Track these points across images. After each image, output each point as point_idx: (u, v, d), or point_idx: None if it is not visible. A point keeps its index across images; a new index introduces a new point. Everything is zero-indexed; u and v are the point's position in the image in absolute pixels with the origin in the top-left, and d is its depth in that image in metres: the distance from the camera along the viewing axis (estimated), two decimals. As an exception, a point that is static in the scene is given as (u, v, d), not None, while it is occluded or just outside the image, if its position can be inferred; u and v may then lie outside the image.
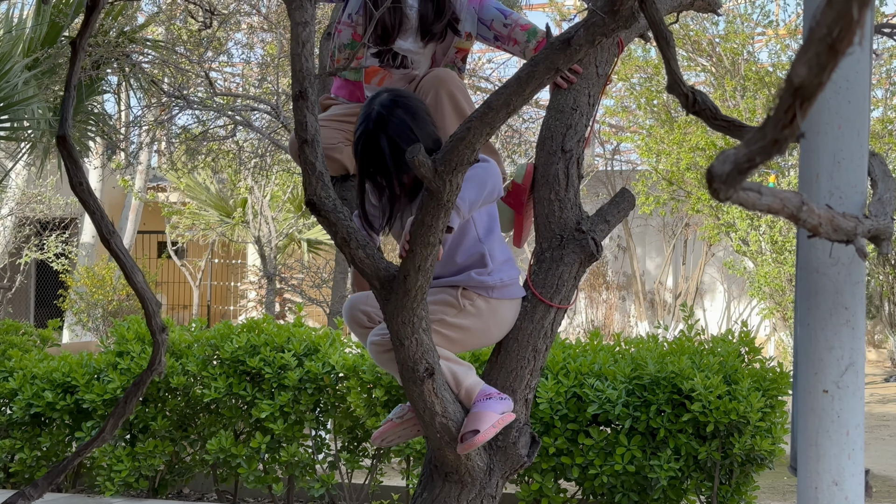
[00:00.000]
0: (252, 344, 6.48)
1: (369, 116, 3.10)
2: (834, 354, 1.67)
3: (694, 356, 5.82)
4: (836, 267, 1.65)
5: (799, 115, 0.89)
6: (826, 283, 1.63)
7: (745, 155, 0.94)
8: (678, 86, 1.85)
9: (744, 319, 6.39)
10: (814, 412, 1.69)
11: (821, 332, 1.65)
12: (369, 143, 3.07)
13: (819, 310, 1.66)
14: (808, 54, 0.87)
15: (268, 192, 14.09)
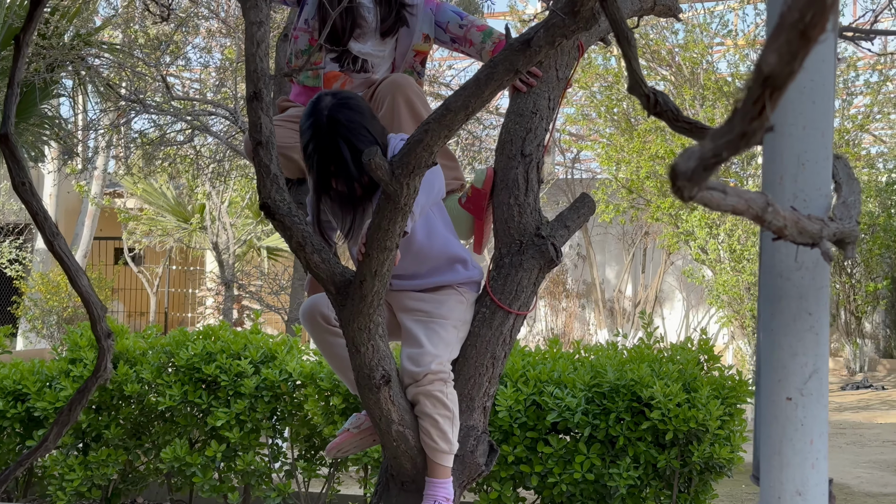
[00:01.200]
0: (208, 351, 6.39)
1: (318, 123, 2.98)
2: (798, 361, 1.63)
3: (653, 364, 5.80)
4: (801, 271, 1.61)
5: (768, 105, 0.84)
6: (790, 287, 1.60)
7: (710, 150, 0.90)
8: (639, 86, 1.81)
9: (703, 328, 6.38)
10: (777, 420, 1.66)
11: (784, 338, 1.62)
12: (326, 151, 2.97)
13: (782, 315, 1.62)
14: (779, 41, 0.82)
15: (226, 198, 13.97)
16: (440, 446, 3.08)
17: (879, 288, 16.24)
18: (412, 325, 3.14)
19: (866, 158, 15.60)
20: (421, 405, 3.04)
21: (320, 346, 3.27)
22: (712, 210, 1.13)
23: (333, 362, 3.29)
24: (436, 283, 3.17)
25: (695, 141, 1.74)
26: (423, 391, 3.02)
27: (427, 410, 3.04)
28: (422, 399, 3.03)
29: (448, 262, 3.19)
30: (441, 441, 3.07)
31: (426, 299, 3.17)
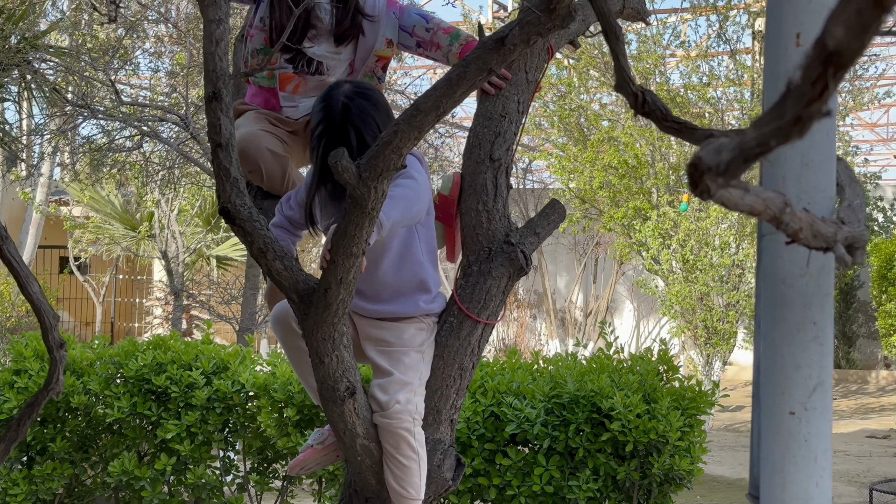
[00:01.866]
0: (158, 362, 6.24)
1: (331, 107, 2.95)
2: (801, 373, 1.55)
3: (613, 375, 5.75)
4: (805, 278, 1.53)
5: (831, 84, 0.76)
6: (793, 295, 1.52)
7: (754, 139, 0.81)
8: (627, 84, 1.72)
9: (662, 338, 6.35)
10: (779, 435, 1.58)
11: (787, 348, 1.54)
12: (334, 137, 2.93)
13: (785, 324, 1.54)
14: (847, 12, 0.74)
15: (175, 207, 13.75)
16: (406, 492, 3.00)
17: (827, 299, 16.34)
18: (376, 356, 3.06)
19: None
20: (385, 441, 2.95)
21: (291, 353, 3.15)
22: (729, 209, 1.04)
23: (302, 371, 3.17)
24: (393, 313, 3.08)
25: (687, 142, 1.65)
26: (389, 426, 2.93)
27: (391, 451, 2.96)
28: (387, 436, 2.94)
29: (412, 290, 3.11)
30: (408, 487, 2.99)
31: (387, 328, 3.09)
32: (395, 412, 2.91)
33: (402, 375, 2.97)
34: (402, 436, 2.91)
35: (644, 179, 14.02)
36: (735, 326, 13.53)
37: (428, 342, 3.07)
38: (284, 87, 3.66)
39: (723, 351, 13.55)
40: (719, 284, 13.32)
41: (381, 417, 2.92)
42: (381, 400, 2.93)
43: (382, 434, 2.94)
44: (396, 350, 3.02)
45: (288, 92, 3.66)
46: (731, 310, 13.35)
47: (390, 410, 2.91)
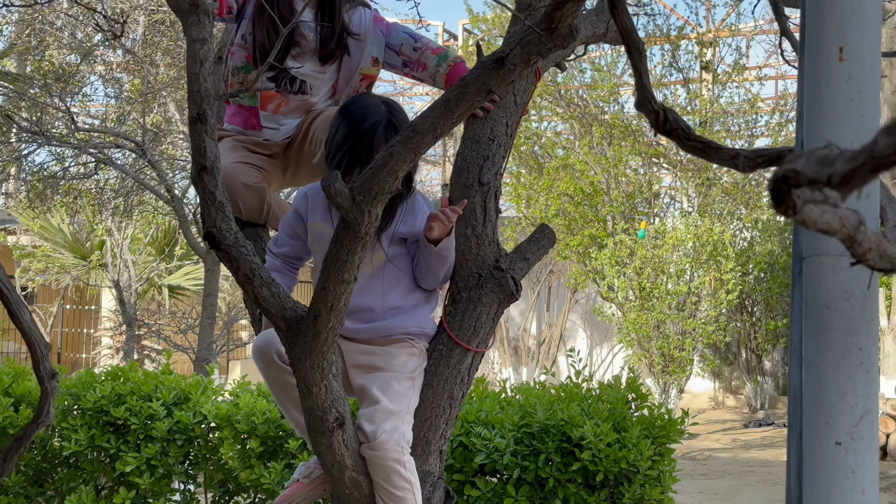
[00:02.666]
0: (117, 393, 6.09)
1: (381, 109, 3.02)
2: (847, 401, 1.50)
3: (583, 403, 5.68)
4: (850, 302, 1.48)
5: None
6: (838, 320, 1.47)
7: (891, 146, 0.75)
8: (649, 102, 1.67)
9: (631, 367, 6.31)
10: (824, 466, 1.51)
11: (832, 375, 1.48)
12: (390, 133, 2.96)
13: (830, 350, 1.49)
14: None
15: (128, 235, 13.56)
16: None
17: (779, 326, 16.46)
18: (366, 382, 2.97)
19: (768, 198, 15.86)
20: (376, 475, 2.86)
21: (274, 386, 3.05)
22: (808, 227, 0.98)
23: (285, 404, 3.07)
24: (388, 330, 3.00)
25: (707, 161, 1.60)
26: (377, 458, 2.84)
27: (383, 484, 2.87)
28: (377, 469, 2.85)
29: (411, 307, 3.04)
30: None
31: (377, 353, 3.01)
32: (382, 442, 2.82)
33: (389, 403, 2.89)
34: (391, 467, 2.83)
35: (599, 207, 14.06)
36: (691, 354, 13.57)
37: (419, 370, 3.00)
38: (266, 105, 3.58)
39: (679, 379, 13.58)
40: (675, 312, 13.36)
41: (369, 450, 2.83)
42: (367, 431, 2.84)
43: (372, 467, 2.85)
44: (387, 375, 2.94)
45: (269, 111, 3.58)
46: (687, 337, 13.38)
47: (377, 441, 2.82)
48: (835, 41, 1.44)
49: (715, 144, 1.69)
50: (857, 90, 1.46)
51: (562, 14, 2.18)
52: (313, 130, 3.51)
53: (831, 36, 1.45)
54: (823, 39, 1.46)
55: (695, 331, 13.41)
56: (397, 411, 2.88)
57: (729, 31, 15.23)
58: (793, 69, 13.04)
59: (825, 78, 1.46)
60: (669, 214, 15.00)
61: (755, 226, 15.26)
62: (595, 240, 14.09)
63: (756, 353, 16.88)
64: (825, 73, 1.46)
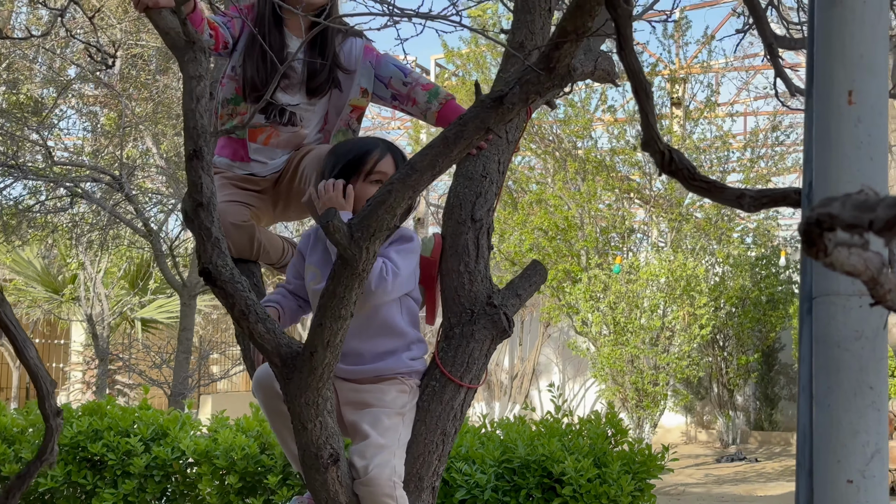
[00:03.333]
0: (94, 428, 6.04)
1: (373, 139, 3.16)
2: (859, 440, 1.51)
3: (563, 438, 5.68)
4: (860, 341, 1.51)
5: None
6: (849, 359, 1.49)
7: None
8: (655, 143, 1.69)
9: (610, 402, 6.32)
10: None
11: (844, 414, 1.50)
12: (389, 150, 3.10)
13: (841, 389, 1.50)
14: None
15: (101, 269, 13.47)
16: None
17: (751, 361, 16.52)
18: (356, 418, 2.97)
19: (741, 234, 15.96)
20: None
21: (272, 417, 3.04)
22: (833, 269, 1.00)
23: (283, 436, 3.05)
24: (376, 371, 3.01)
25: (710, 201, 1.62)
26: (370, 494, 2.82)
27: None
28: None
29: (395, 349, 3.04)
30: None
31: (368, 390, 3.01)
32: (374, 477, 2.81)
33: (379, 437, 2.89)
34: (384, 503, 2.82)
35: (573, 242, 14.11)
36: (665, 389, 13.60)
37: (410, 405, 3.00)
38: (255, 137, 3.57)
39: (653, 413, 13.59)
40: (649, 347, 13.40)
41: (361, 486, 2.82)
42: (358, 466, 2.84)
43: (363, 501, 2.84)
44: (377, 410, 2.94)
45: (259, 143, 3.58)
46: (661, 372, 13.42)
47: (369, 476, 2.81)
48: (844, 85, 1.48)
49: (720, 185, 1.72)
50: (867, 133, 1.49)
51: (560, 54, 2.21)
52: (302, 168, 3.51)
53: (840, 79, 1.48)
54: (832, 83, 1.49)
55: (668, 365, 13.46)
56: (388, 446, 2.88)
57: (700, 67, 15.38)
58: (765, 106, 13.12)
59: (834, 121, 1.49)
60: (643, 249, 15.08)
61: (726, 261, 15.35)
62: (569, 274, 14.13)
63: (728, 388, 16.93)
64: (834, 117, 1.49)
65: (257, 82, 3.47)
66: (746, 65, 17.19)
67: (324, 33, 3.56)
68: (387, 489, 2.83)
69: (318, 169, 3.32)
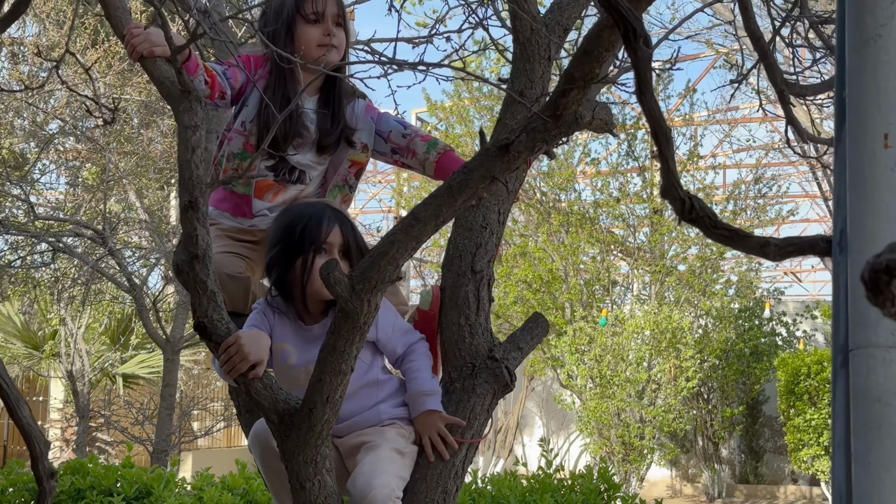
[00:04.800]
0: (76, 488, 5.92)
1: (314, 204, 3.09)
2: (904, 499, 1.45)
3: (556, 494, 5.60)
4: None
5: None
6: (891, 414, 1.42)
7: None
8: (675, 190, 1.64)
9: (601, 456, 6.24)
10: (882, 571, 1.46)
11: (886, 472, 1.43)
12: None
13: (883, 447, 1.44)
14: None
15: (82, 324, 13.32)
16: None
17: (735, 413, 16.45)
18: (357, 457, 2.88)
19: (725, 286, 15.95)
20: None
21: (268, 475, 2.95)
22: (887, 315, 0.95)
23: (280, 495, 2.96)
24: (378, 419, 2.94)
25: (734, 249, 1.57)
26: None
27: None
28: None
29: (371, 405, 2.98)
30: None
31: (368, 432, 2.93)
32: (373, 497, 2.72)
33: (378, 463, 2.81)
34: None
35: (558, 294, 14.07)
36: (652, 442, 13.50)
37: (409, 448, 2.91)
38: (262, 195, 3.52)
39: (640, 467, 13.48)
40: (635, 400, 13.32)
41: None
42: (358, 486, 2.74)
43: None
44: (377, 445, 2.87)
45: (266, 199, 3.52)
46: (647, 425, 13.33)
47: (369, 496, 2.72)
48: (879, 128, 1.43)
49: (743, 233, 1.67)
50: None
51: (567, 101, 2.16)
52: None
53: (875, 123, 1.43)
54: (867, 126, 1.45)
55: (655, 418, 13.37)
56: (388, 471, 2.80)
57: (682, 120, 15.45)
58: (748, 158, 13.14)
59: (869, 166, 1.44)
60: (627, 302, 15.04)
61: (710, 313, 15.32)
62: (554, 327, 14.07)
63: (713, 441, 16.83)
64: (869, 161, 1.44)
65: (279, 139, 3.43)
66: (729, 117, 17.29)
67: (336, 91, 3.54)
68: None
69: None
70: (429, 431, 2.90)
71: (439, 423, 2.90)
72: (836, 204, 1.52)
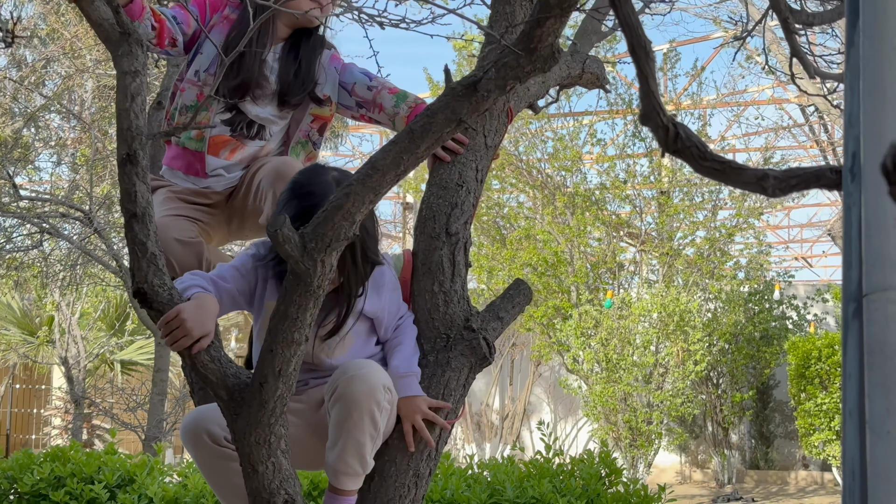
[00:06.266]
0: (57, 475, 5.71)
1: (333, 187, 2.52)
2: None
3: (554, 479, 5.36)
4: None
5: None
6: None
7: None
8: (657, 115, 1.38)
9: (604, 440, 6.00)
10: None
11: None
12: None
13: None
14: None
15: (77, 310, 13.09)
16: (353, 468, 2.57)
17: (745, 398, 16.21)
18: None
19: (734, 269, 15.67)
20: (342, 414, 2.52)
21: (207, 471, 2.68)
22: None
23: (223, 492, 2.70)
24: None
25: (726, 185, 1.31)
26: (354, 394, 2.51)
27: (351, 427, 2.51)
28: (347, 407, 2.51)
29: None
30: (357, 464, 2.56)
31: None
32: (364, 375, 2.50)
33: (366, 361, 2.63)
34: (368, 408, 2.49)
35: (563, 278, 13.80)
36: (660, 427, 13.25)
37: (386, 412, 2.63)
38: (218, 151, 3.24)
39: (647, 453, 13.24)
40: (642, 384, 13.06)
41: (350, 382, 2.51)
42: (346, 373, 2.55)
43: (342, 408, 2.50)
44: None
45: (222, 157, 3.25)
46: (654, 410, 13.08)
47: (359, 374, 2.51)
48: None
49: (737, 165, 1.41)
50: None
51: (542, 32, 1.91)
52: (257, 183, 3.15)
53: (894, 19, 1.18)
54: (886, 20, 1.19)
55: (662, 403, 13.12)
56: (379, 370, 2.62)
57: (691, 100, 15.15)
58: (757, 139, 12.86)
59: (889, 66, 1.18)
60: (634, 285, 14.76)
61: (719, 296, 15.06)
62: (559, 311, 13.81)
63: (722, 426, 16.59)
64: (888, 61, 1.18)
65: (242, 84, 3.16)
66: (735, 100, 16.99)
67: (310, 45, 3.26)
68: (378, 394, 2.51)
69: (273, 188, 3.00)
70: (412, 417, 2.64)
71: (423, 407, 2.62)
72: (848, 124, 1.26)
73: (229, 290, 2.60)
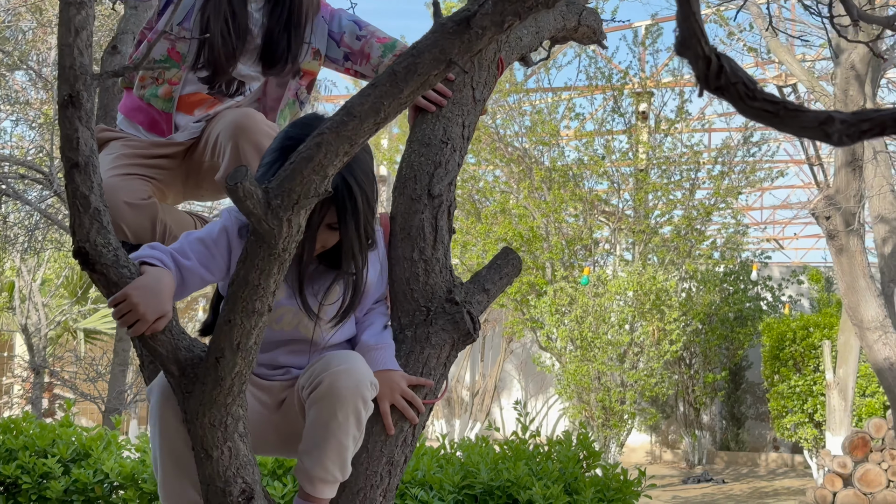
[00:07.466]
0: (8, 448, 5.46)
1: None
2: None
3: (531, 462, 5.15)
4: None
5: None
6: None
7: None
8: (697, 44, 1.13)
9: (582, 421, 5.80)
10: None
11: None
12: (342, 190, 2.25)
13: None
14: None
15: (38, 276, 12.75)
16: (333, 475, 2.31)
17: (717, 379, 16.12)
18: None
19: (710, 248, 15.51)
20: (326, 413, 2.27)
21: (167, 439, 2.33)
22: None
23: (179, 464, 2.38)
24: None
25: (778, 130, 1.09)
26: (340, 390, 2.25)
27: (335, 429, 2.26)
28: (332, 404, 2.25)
29: None
30: (338, 470, 2.30)
31: None
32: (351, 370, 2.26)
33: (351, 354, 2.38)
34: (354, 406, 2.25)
35: (538, 254, 13.59)
36: (633, 407, 13.10)
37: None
38: (191, 110, 2.94)
39: (620, 433, 13.09)
40: (616, 363, 12.89)
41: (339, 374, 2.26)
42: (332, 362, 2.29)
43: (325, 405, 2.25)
44: None
45: (198, 115, 2.95)
46: (628, 390, 12.92)
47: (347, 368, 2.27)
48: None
49: (794, 106, 1.16)
50: None
51: (547, -41, 1.65)
52: (215, 137, 2.85)
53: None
54: None
55: (636, 383, 12.96)
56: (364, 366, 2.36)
57: (672, 76, 14.92)
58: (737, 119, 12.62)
59: None
60: (610, 263, 14.57)
61: (695, 276, 14.91)
62: (533, 287, 13.60)
63: (694, 407, 16.52)
64: None
65: (217, 48, 2.87)
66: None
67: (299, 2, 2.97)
68: (364, 390, 2.26)
69: (232, 142, 2.71)
70: (391, 396, 2.37)
71: (403, 385, 2.35)
72: None
73: (190, 268, 2.27)
